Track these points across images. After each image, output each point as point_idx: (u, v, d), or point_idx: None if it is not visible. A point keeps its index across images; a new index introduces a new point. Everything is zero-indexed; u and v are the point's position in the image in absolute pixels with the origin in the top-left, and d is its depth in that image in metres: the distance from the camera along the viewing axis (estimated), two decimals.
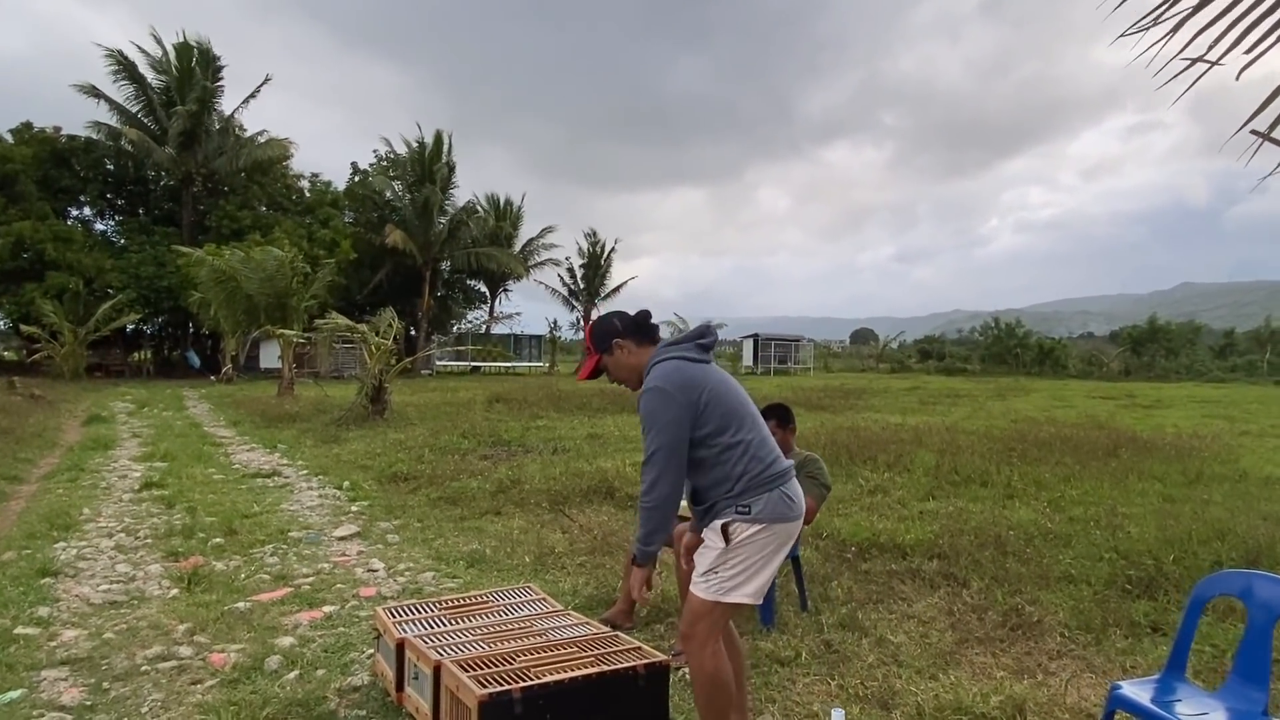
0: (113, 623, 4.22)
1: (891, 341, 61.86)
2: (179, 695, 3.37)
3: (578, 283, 46.39)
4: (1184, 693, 2.66)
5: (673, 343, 2.75)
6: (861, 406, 17.89)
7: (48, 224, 29.73)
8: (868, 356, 59.24)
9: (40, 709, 3.23)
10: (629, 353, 2.79)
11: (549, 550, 5.56)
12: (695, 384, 2.58)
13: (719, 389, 2.61)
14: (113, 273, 30.13)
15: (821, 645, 3.87)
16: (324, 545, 5.87)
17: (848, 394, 21.97)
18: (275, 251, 21.77)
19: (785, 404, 4.63)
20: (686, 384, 2.57)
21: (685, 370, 2.61)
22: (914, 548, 5.40)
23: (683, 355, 2.67)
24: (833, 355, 62.80)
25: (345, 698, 3.35)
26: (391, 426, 13.21)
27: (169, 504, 7.18)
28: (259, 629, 4.11)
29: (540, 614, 3.53)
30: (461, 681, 2.72)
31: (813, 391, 22.24)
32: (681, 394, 2.55)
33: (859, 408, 17.52)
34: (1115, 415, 15.58)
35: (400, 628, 3.30)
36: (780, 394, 20.85)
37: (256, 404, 17.86)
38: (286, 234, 31.78)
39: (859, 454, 9.09)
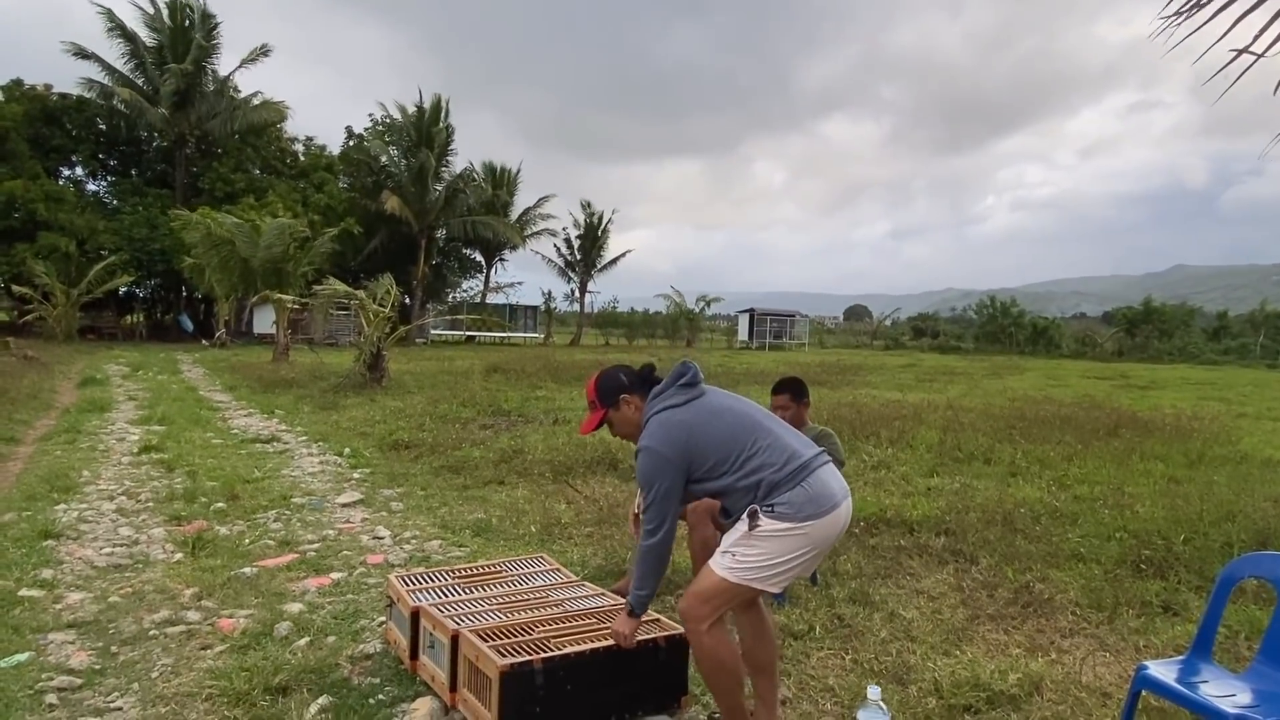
0: (118, 586, 4.18)
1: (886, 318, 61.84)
2: (189, 660, 3.34)
3: (574, 254, 46.12)
4: (1210, 674, 2.64)
5: (658, 393, 2.72)
6: (859, 383, 17.88)
7: (39, 183, 29.35)
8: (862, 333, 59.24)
9: (49, 672, 3.19)
10: (635, 408, 2.75)
11: (555, 520, 5.53)
12: (681, 434, 2.56)
13: (708, 426, 2.57)
14: (105, 234, 29.79)
15: (834, 619, 3.85)
16: (327, 512, 5.84)
17: (844, 370, 21.98)
18: (282, 220, 21.52)
19: (798, 378, 4.58)
20: (673, 438, 2.57)
21: (669, 424, 2.60)
22: (921, 524, 5.39)
23: (667, 405, 2.65)
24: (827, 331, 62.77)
25: (358, 665, 3.32)
26: (390, 394, 13.15)
27: (169, 468, 7.13)
28: (266, 595, 4.08)
29: (555, 584, 3.50)
30: (481, 651, 2.68)
31: (810, 367, 22.24)
32: (671, 449, 2.55)
33: (856, 384, 17.51)
34: (1111, 395, 15.61)
35: (415, 596, 3.26)
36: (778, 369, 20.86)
37: (252, 369, 17.75)
38: (280, 198, 31.47)
39: (861, 430, 9.08)
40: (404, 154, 37.66)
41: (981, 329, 47.87)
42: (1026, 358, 36.38)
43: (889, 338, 52.59)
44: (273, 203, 30.42)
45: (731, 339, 51.49)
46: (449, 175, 38.12)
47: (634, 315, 52.82)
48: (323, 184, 34.95)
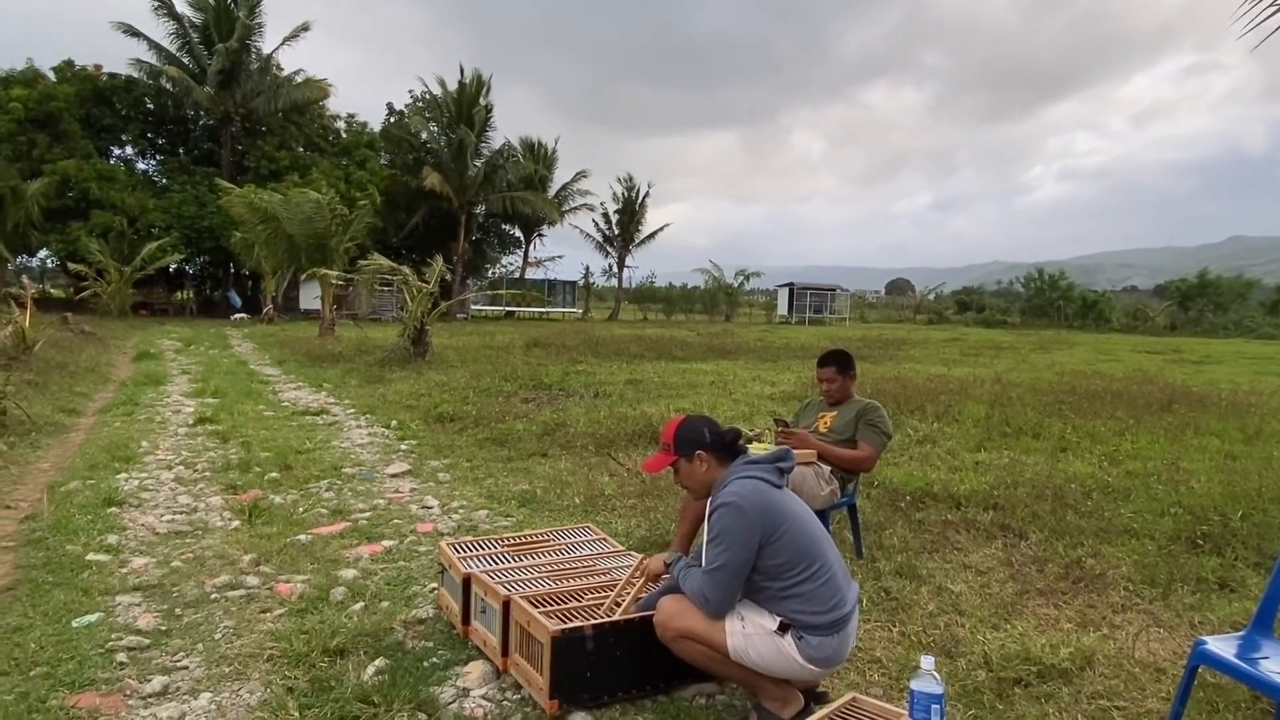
0: (179, 551, 4.32)
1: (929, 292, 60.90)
2: (249, 623, 3.45)
3: (612, 229, 46.05)
4: (1270, 649, 2.58)
5: (752, 461, 2.68)
6: (902, 357, 17.70)
7: (91, 163, 30.09)
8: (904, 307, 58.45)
9: (118, 632, 3.32)
10: (708, 468, 2.72)
11: (599, 492, 5.59)
12: (774, 511, 2.53)
13: (797, 523, 2.56)
14: (155, 212, 30.49)
15: (880, 592, 3.85)
16: (377, 482, 5.96)
17: (886, 344, 21.76)
18: (311, 194, 21.81)
19: (844, 350, 4.54)
20: (766, 509, 2.52)
21: (766, 495, 2.56)
22: (968, 498, 5.35)
23: (763, 476, 2.61)
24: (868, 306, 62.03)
25: (411, 629, 3.40)
26: (433, 368, 13.34)
27: (224, 439, 7.33)
28: (321, 561, 4.19)
29: (602, 554, 3.54)
30: (533, 617, 2.73)
31: (851, 342, 22.04)
32: (759, 517, 2.50)
33: (899, 358, 17.34)
34: (1164, 370, 15.23)
35: (465, 563, 3.33)
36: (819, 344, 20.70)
37: (299, 344, 18.11)
38: (324, 175, 31.87)
39: (906, 404, 9.03)
40: (444, 130, 37.81)
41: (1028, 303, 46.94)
42: (1075, 332, 35.57)
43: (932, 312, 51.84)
44: (316, 180, 30.80)
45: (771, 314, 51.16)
46: (488, 151, 38.23)
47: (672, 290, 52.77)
48: (365, 161, 35.29)
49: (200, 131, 36.21)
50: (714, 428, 2.75)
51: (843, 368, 4.37)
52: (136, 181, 32.12)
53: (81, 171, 29.33)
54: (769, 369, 14.62)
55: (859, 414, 4.26)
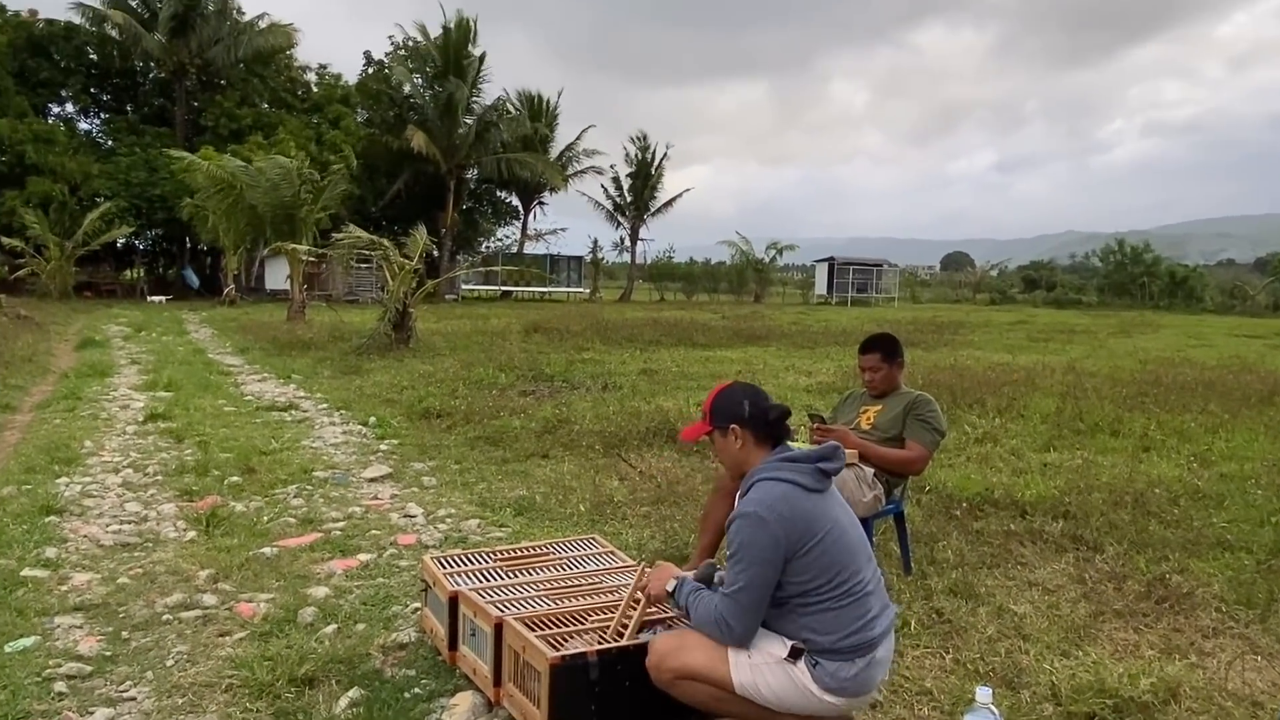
0: (127, 566, 4.36)
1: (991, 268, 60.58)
2: (206, 647, 3.48)
3: (623, 195, 46.01)
4: None
5: (791, 457, 2.64)
6: (959, 343, 17.65)
7: (27, 122, 30.27)
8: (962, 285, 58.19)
9: (57, 658, 3.36)
10: (741, 445, 2.71)
11: (607, 499, 5.60)
12: (804, 523, 2.50)
13: (834, 533, 2.53)
14: (100, 178, 30.70)
15: (931, 614, 3.84)
16: (353, 487, 6.00)
17: (941, 328, 21.69)
18: (281, 160, 21.88)
19: (890, 334, 4.52)
20: (794, 520, 2.49)
21: (797, 503, 2.52)
22: (1034, 505, 5.35)
23: (798, 480, 2.57)
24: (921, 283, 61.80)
25: (390, 655, 3.42)
26: (418, 357, 13.41)
27: (178, 438, 7.39)
28: (288, 577, 4.22)
29: (609, 569, 3.55)
30: (529, 642, 2.74)
31: (901, 325, 21.97)
32: (785, 531, 2.47)
33: (956, 344, 17.29)
34: (1265, 357, 15.09)
35: (452, 580, 3.34)
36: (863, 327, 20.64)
37: (265, 329, 18.23)
38: (292, 135, 31.99)
39: (963, 397, 9.03)
40: (429, 83, 37.83)
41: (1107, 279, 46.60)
42: (1161, 313, 35.30)
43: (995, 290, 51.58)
44: (283, 140, 30.93)
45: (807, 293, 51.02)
46: (480, 107, 38.24)
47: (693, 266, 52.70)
48: (339, 119, 35.40)
49: (151, 86, 36.41)
50: (757, 400, 2.73)
51: (888, 354, 4.35)
52: (78, 144, 32.35)
53: (15, 132, 29.54)
54: (804, 357, 14.59)
55: (907, 408, 4.24)
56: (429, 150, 35.23)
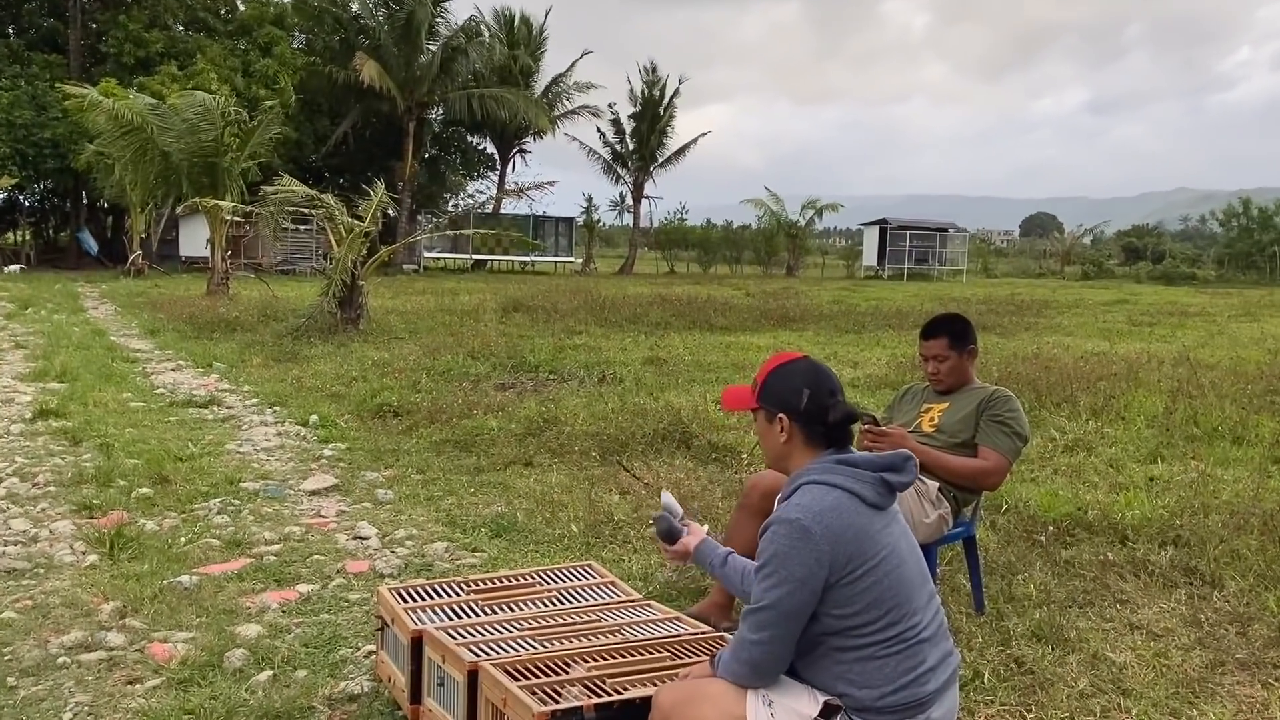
0: (13, 597, 4.39)
1: (1083, 234, 60.55)
2: (112, 698, 3.51)
3: (625, 142, 46.02)
4: None
5: (850, 460, 2.61)
6: (1043, 327, 17.64)
7: None
8: (1048, 255, 58.19)
9: None
10: (787, 440, 2.69)
11: (605, 517, 5.62)
12: (856, 543, 2.48)
13: (890, 562, 2.52)
14: None
15: (1010, 663, 3.86)
16: (290, 502, 6.02)
17: (1021, 308, 21.68)
18: (200, 96, 21.88)
19: (960, 315, 4.52)
20: (844, 537, 2.47)
21: (850, 517, 2.50)
22: (1137, 529, 5.36)
23: (855, 490, 2.55)
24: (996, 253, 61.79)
25: (338, 709, 3.44)
26: (370, 341, 13.44)
27: (74, 439, 7.43)
28: (212, 612, 4.24)
29: (610, 603, 3.56)
30: (511, 693, 2.75)
31: (970, 305, 21.97)
32: (831, 548, 2.45)
33: (1039, 328, 17.29)
34: None
35: (415, 616, 3.35)
36: (924, 308, 20.65)
37: (180, 305, 18.28)
38: (213, 64, 32.01)
39: (1049, 394, 9.04)
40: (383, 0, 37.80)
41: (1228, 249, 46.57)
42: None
43: (1088, 262, 51.56)
44: (202, 71, 30.93)
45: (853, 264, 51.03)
46: (446, 29, 38.22)
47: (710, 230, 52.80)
48: (271, 44, 35.37)
49: (38, 4, 36.39)
50: (820, 391, 2.67)
51: (958, 340, 4.34)
52: None
53: None
54: (849, 344, 14.59)
55: (980, 407, 4.24)
56: (383, 83, 35.24)
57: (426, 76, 37.13)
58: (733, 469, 6.61)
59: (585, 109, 45.33)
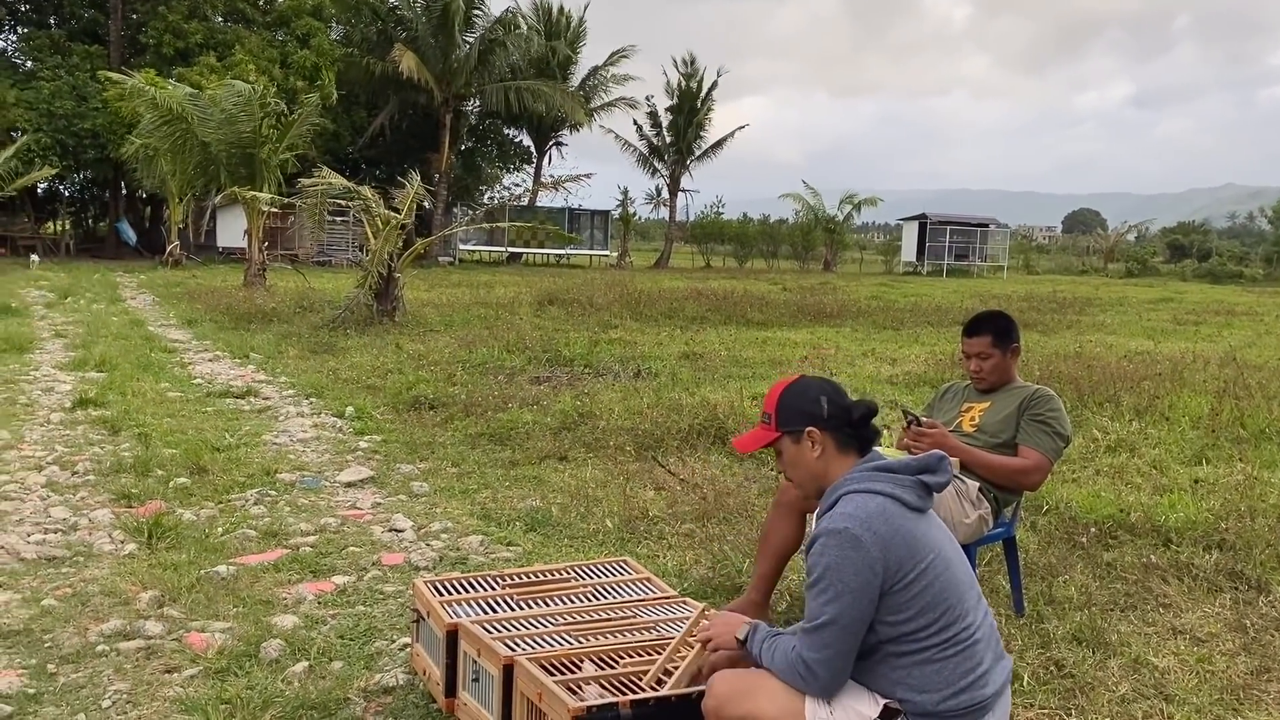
0: (53, 585, 4.46)
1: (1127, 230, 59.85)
2: (150, 687, 3.55)
3: (662, 135, 45.95)
4: None
5: (885, 466, 2.62)
6: (1086, 325, 17.51)
7: None
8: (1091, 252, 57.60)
9: None
10: (820, 454, 2.68)
11: (640, 513, 5.63)
12: (906, 547, 2.47)
13: (939, 564, 2.52)
14: (17, 108, 31.13)
15: (1049, 665, 3.84)
16: (326, 493, 6.08)
17: (1063, 306, 21.52)
18: (238, 86, 22.04)
19: (1004, 313, 4.48)
20: (894, 542, 2.47)
21: (897, 521, 2.50)
22: (1181, 532, 5.32)
23: (897, 494, 2.55)
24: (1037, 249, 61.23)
25: (374, 701, 3.47)
26: (405, 333, 13.53)
27: (113, 429, 7.52)
28: (249, 603, 4.29)
29: (645, 600, 3.56)
30: (547, 688, 2.76)
31: (1012, 301, 21.81)
32: (883, 554, 2.45)
33: (1082, 326, 17.18)
34: None
35: (451, 610, 3.37)
36: (964, 305, 20.52)
37: (217, 296, 18.46)
38: (251, 55, 32.24)
39: (1092, 394, 9.00)
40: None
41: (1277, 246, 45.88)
42: None
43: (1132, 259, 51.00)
44: (241, 62, 31.19)
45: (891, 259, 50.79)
46: (484, 22, 38.28)
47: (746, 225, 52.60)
48: (309, 36, 35.60)
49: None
50: (836, 396, 2.71)
51: (1001, 338, 4.31)
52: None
53: None
54: (888, 340, 14.52)
55: (1023, 406, 4.21)
56: (420, 75, 35.36)
57: (464, 69, 37.21)
58: (769, 466, 6.60)
59: (622, 101, 45.39)
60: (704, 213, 52.63)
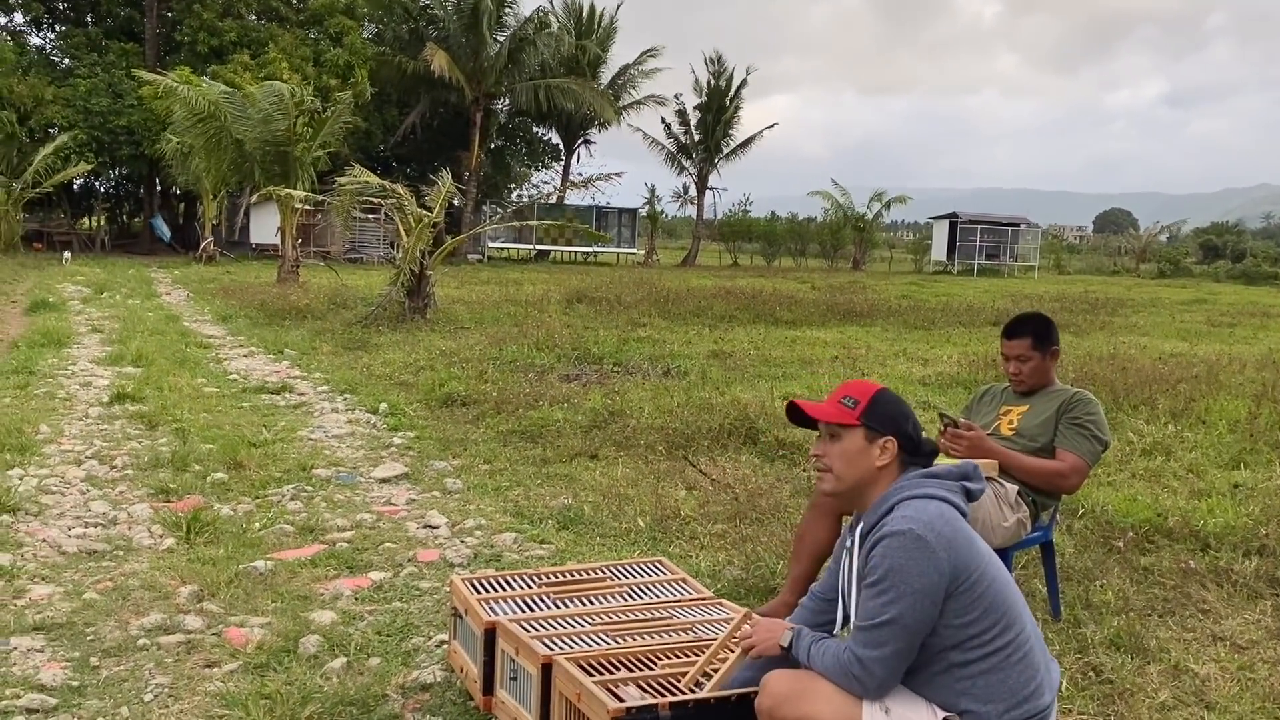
0: (94, 579, 4.51)
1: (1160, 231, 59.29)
2: (190, 681, 3.58)
3: (690, 133, 45.91)
4: None
5: (934, 473, 2.64)
6: (1118, 325, 17.37)
7: None
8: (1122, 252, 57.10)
9: (14, 686, 3.49)
10: (886, 463, 2.68)
11: (672, 512, 5.63)
12: (967, 550, 2.49)
13: (994, 567, 2.54)
14: (55, 105, 31.48)
15: (1087, 671, 3.81)
16: (361, 489, 6.12)
17: (1095, 306, 21.34)
18: (277, 86, 22.17)
19: (1044, 315, 4.45)
20: (957, 545, 2.47)
21: (958, 524, 2.52)
22: (1220, 537, 5.26)
23: (950, 499, 2.57)
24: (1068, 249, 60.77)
25: (412, 698, 3.48)
26: (437, 330, 13.62)
27: (150, 423, 7.60)
28: (287, 598, 4.32)
29: (680, 600, 3.56)
30: (585, 688, 2.76)
31: (1044, 302, 21.66)
32: (949, 556, 2.45)
33: (1114, 327, 17.03)
34: None
35: (489, 607, 3.38)
36: (996, 306, 20.39)
37: (251, 293, 18.61)
38: (284, 54, 32.44)
39: (1126, 396, 8.93)
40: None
41: None
42: None
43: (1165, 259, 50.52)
44: (274, 60, 31.39)
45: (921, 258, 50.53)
46: (514, 20, 38.37)
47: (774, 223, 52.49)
48: (342, 34, 35.80)
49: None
50: (915, 418, 2.75)
51: (1041, 340, 4.28)
52: (29, 62, 33.21)
53: None
54: (919, 340, 14.44)
55: (1061, 409, 4.18)
56: (451, 74, 35.47)
57: (494, 67, 37.32)
58: (800, 466, 6.58)
59: (651, 99, 45.38)
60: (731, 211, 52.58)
